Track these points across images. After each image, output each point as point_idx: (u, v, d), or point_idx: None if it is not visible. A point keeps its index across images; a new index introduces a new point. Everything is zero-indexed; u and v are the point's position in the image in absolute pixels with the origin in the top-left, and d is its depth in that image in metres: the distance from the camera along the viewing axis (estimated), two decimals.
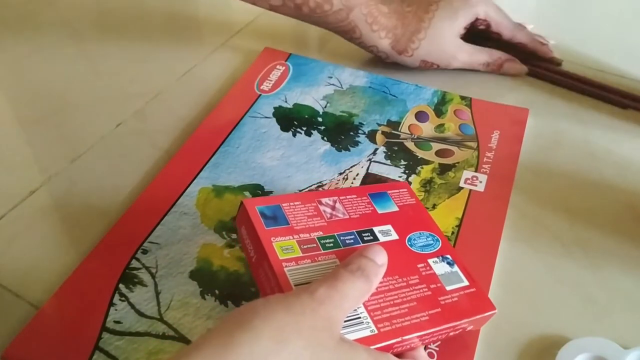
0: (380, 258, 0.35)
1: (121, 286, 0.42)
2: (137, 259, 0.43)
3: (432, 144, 0.53)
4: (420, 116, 0.56)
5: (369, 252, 0.35)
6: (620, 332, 0.39)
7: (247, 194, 0.48)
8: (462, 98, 0.57)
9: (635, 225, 0.46)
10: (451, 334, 0.36)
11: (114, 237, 0.45)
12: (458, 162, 0.51)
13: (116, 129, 0.56)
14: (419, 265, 0.38)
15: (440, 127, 0.54)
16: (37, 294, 0.42)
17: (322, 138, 0.53)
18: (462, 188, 0.48)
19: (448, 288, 0.37)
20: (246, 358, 0.27)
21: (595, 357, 0.37)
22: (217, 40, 0.66)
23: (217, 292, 0.41)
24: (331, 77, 0.60)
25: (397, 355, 0.34)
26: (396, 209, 0.41)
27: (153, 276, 0.42)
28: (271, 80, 0.59)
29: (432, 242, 0.40)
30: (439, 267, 0.38)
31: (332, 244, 0.37)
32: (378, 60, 0.61)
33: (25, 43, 0.67)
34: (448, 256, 0.39)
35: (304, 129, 0.54)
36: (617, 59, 0.63)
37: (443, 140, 0.53)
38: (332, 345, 0.30)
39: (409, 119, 0.55)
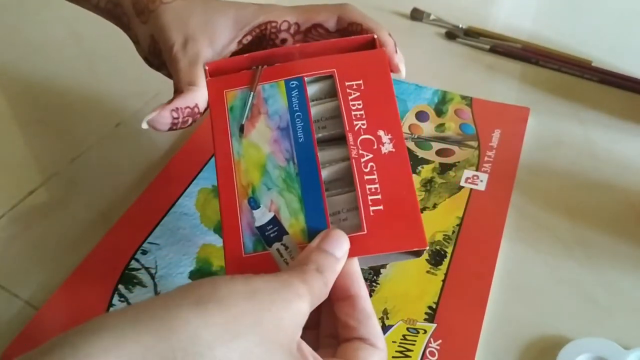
0: (341, 248, 0.30)
1: (120, 287, 0.42)
2: (137, 260, 0.43)
3: (432, 143, 0.53)
4: (421, 116, 0.56)
5: (328, 243, 0.30)
6: (621, 332, 0.39)
7: None
8: (463, 97, 0.57)
9: (636, 225, 0.46)
10: None
11: (113, 237, 0.45)
12: (459, 162, 0.51)
13: (116, 129, 0.56)
14: None
15: (440, 127, 0.54)
16: (37, 294, 0.42)
17: None
18: (463, 187, 0.48)
19: None
20: (187, 342, 0.23)
21: (596, 358, 0.37)
22: None
23: None
24: None
25: None
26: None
27: (152, 277, 0.42)
28: None
29: None
30: None
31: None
32: None
33: (26, 43, 0.67)
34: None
35: None
36: (617, 59, 0.63)
37: (443, 139, 0.53)
38: (289, 351, 0.26)
39: (410, 119, 0.55)
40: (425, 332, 0.39)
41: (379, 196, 0.31)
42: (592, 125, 0.55)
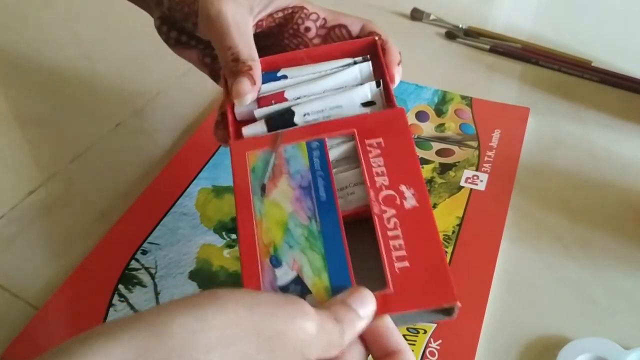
0: (366, 308, 0.29)
1: (120, 287, 0.42)
2: (137, 260, 0.43)
3: (432, 143, 0.53)
4: (421, 116, 0.56)
5: (353, 299, 0.29)
6: (621, 332, 0.39)
7: None
8: (463, 97, 0.57)
9: (636, 225, 0.46)
10: None
11: (113, 237, 0.45)
12: (459, 162, 0.51)
13: (116, 129, 0.56)
14: None
15: (440, 127, 0.54)
16: (37, 294, 0.42)
17: None
18: (463, 187, 0.48)
19: None
20: (183, 346, 0.22)
21: (596, 358, 0.37)
22: None
23: None
24: None
25: None
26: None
27: (152, 277, 0.42)
28: None
29: None
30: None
31: None
32: None
33: (26, 43, 0.67)
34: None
35: None
36: (617, 59, 0.63)
37: (443, 139, 0.53)
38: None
39: (409, 119, 0.55)
40: (425, 332, 0.39)
41: (404, 252, 0.31)
42: (592, 125, 0.55)
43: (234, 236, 0.45)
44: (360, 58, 0.39)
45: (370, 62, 0.39)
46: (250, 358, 0.24)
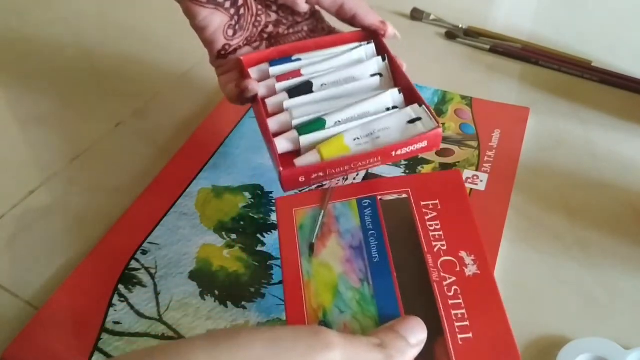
0: (416, 336, 0.28)
1: (120, 287, 0.42)
2: (137, 260, 0.43)
3: None
4: None
5: (402, 326, 0.28)
6: (621, 332, 0.39)
7: (246, 194, 0.48)
8: (463, 97, 0.57)
9: (636, 225, 0.46)
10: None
11: (113, 237, 0.45)
12: (459, 162, 0.51)
13: (116, 129, 0.56)
14: None
15: None
16: (36, 294, 0.42)
17: None
18: None
19: None
20: None
21: (596, 358, 0.37)
22: None
23: (216, 292, 0.41)
24: None
25: None
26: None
27: (152, 277, 0.42)
28: None
29: None
30: None
31: None
32: None
33: (26, 43, 0.67)
34: None
35: None
36: (617, 59, 0.63)
37: (443, 139, 0.53)
38: None
39: None
40: None
41: (467, 322, 0.29)
42: (592, 125, 0.55)
43: (234, 236, 0.45)
44: (364, 42, 0.43)
45: (373, 44, 0.43)
46: None
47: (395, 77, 0.42)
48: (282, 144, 0.37)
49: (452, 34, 0.67)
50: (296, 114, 0.39)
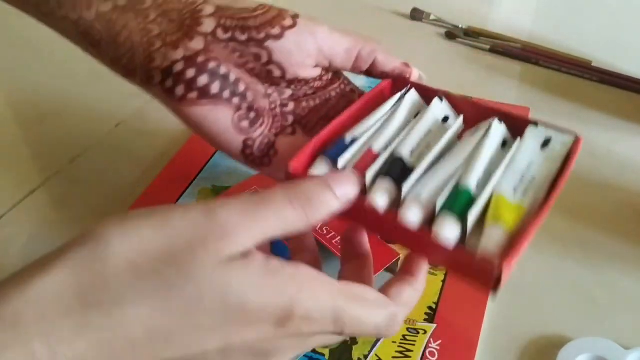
0: (343, 189, 0.25)
1: None
2: None
3: None
4: None
5: (333, 177, 0.26)
6: (621, 332, 0.39)
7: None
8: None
9: (636, 225, 0.46)
10: None
11: None
12: None
13: (116, 129, 0.56)
14: None
15: None
16: None
17: None
18: None
19: None
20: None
21: (596, 358, 0.37)
22: None
23: None
24: None
25: None
26: None
27: None
28: None
29: None
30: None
31: None
32: None
33: (26, 43, 0.67)
34: None
35: None
36: (617, 59, 0.63)
37: None
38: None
39: None
40: (425, 332, 0.39)
41: None
42: (592, 125, 0.55)
43: None
44: (403, 91, 0.37)
45: (413, 89, 0.37)
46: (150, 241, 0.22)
47: (452, 102, 0.37)
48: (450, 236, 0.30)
49: (452, 34, 0.67)
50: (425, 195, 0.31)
